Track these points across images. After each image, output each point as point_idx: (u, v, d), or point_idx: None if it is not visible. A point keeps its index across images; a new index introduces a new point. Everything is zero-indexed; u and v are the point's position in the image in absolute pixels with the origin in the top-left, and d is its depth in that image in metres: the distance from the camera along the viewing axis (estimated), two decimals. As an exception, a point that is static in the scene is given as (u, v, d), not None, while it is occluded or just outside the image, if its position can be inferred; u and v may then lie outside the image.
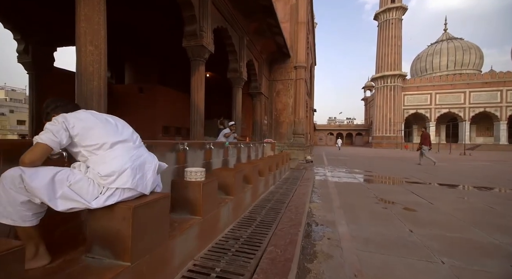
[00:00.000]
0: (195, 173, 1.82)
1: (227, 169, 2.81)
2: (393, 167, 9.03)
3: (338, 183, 5.36)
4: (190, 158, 2.95)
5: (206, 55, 4.70)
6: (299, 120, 9.89)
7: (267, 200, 3.28)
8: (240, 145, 4.71)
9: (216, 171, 2.64)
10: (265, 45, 8.65)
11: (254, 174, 3.22)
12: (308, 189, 4.12)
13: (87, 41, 2.37)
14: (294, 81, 9.96)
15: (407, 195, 4.23)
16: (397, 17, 36.94)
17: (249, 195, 2.97)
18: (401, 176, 6.56)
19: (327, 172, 7.31)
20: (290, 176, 5.68)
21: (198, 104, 4.69)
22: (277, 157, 5.18)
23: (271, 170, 4.40)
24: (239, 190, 2.61)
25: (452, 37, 43.68)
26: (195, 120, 4.70)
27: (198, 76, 4.67)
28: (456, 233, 2.50)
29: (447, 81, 36.12)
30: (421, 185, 5.24)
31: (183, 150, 2.71)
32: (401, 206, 3.52)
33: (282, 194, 3.71)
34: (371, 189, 4.72)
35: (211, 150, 3.41)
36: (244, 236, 2.09)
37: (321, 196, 4.06)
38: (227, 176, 2.46)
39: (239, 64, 6.69)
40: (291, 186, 4.41)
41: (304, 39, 10.14)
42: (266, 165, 3.88)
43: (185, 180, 1.83)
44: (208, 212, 1.90)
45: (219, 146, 3.80)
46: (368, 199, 3.89)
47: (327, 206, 3.45)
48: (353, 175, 6.69)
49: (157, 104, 7.12)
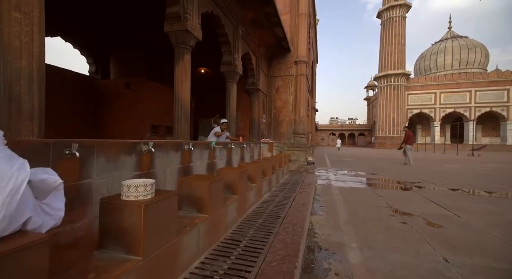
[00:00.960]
0: (136, 188, 1.20)
1: (201, 177, 2.19)
2: (401, 169, 8.37)
3: (343, 189, 4.73)
4: (160, 163, 2.34)
5: (191, 42, 4.09)
6: (299, 118, 9.26)
7: (258, 214, 2.66)
8: (231, 146, 4.09)
9: (186, 180, 2.02)
10: (263, 38, 8.03)
11: (242, 181, 2.60)
12: (309, 198, 3.49)
13: (11, 6, 1.77)
14: (295, 77, 9.32)
15: (426, 205, 3.59)
16: (400, 15, 36.17)
17: (233, 209, 2.35)
18: (412, 180, 5.91)
19: (331, 175, 6.68)
20: (289, 180, 5.06)
21: (182, 97, 4.09)
22: (274, 159, 4.56)
23: (266, 174, 3.77)
24: (217, 205, 2.00)
25: (457, 35, 42.80)
26: (179, 116, 4.09)
27: (183, 66, 4.06)
28: (505, 263, 1.87)
29: (452, 80, 35.28)
30: (439, 191, 4.60)
31: (147, 152, 2.10)
32: (422, 220, 2.89)
33: (278, 204, 3.09)
34: (382, 196, 4.08)
35: (191, 151, 2.80)
36: None
37: (324, 206, 3.43)
38: (199, 187, 1.83)
39: (233, 56, 6.07)
40: (289, 193, 3.78)
41: (305, 32, 9.51)
42: (258, 169, 3.26)
43: (120, 201, 1.22)
44: (158, 247, 1.29)
45: (203, 147, 3.18)
46: (381, 210, 3.25)
47: (332, 220, 2.82)
48: (358, 179, 6.05)
49: (145, 101, 6.52)
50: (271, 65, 9.65)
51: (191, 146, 2.77)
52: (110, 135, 6.67)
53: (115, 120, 6.64)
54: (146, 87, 6.57)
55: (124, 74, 7.11)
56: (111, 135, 6.68)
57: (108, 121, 6.73)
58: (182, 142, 2.70)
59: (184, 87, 4.08)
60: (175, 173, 2.51)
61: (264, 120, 9.30)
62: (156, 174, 2.23)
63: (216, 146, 3.47)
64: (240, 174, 2.51)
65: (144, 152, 2.07)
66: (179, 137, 4.07)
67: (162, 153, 2.33)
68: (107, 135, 6.72)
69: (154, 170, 2.22)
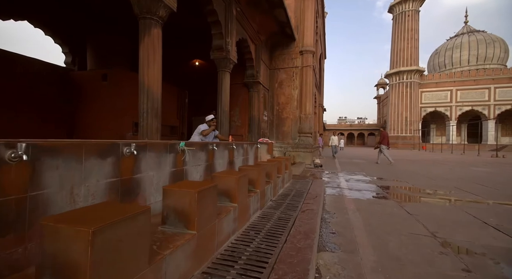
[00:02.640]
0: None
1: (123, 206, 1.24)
2: (423, 173, 7.21)
3: (359, 202, 3.69)
4: (89, 172, 1.42)
5: (161, 12, 3.14)
6: (305, 115, 8.21)
7: (232, 258, 1.67)
8: (213, 147, 3.12)
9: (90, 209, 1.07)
10: (263, 23, 7.04)
11: (204, 205, 1.61)
12: (315, 220, 2.48)
13: None
14: (300, 69, 8.29)
15: (483, 230, 2.53)
16: (414, 9, 34.48)
17: (184, 257, 1.37)
18: (443, 188, 4.80)
19: (342, 181, 5.62)
20: (291, 189, 4.05)
21: (149, 85, 3.15)
22: (271, 164, 3.55)
23: (257, 186, 2.78)
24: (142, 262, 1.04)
25: (474, 29, 40.65)
26: (145, 110, 3.16)
27: (150, 42, 3.12)
28: None
29: (469, 77, 33.35)
30: (486, 206, 3.50)
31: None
32: (491, 260, 1.85)
33: (269, 235, 2.09)
34: (414, 215, 3.03)
35: (134, 156, 1.85)
36: None
37: (337, 233, 2.42)
38: None
39: (225, 40, 5.11)
40: (288, 212, 2.77)
41: (312, 19, 8.46)
42: (242, 180, 2.27)
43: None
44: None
45: (163, 150, 2.23)
46: (422, 242, 2.21)
47: (351, 264, 1.81)
48: (376, 187, 4.98)
49: (125, 95, 5.63)
50: (273, 56, 8.64)
51: (133, 148, 1.82)
52: (85, 134, 5.82)
53: (92, 117, 5.78)
54: (127, 79, 5.69)
55: (104, 65, 6.26)
56: (86, 135, 5.83)
57: (84, 119, 5.89)
58: (119, 143, 1.74)
59: (152, 71, 3.14)
60: (101, 190, 1.57)
61: (265, 117, 8.31)
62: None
63: (186, 148, 2.51)
64: (201, 194, 1.53)
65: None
66: (146, 136, 3.13)
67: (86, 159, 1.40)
68: (81, 135, 5.88)
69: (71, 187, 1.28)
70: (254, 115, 7.42)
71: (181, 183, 1.79)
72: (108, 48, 6.40)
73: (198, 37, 7.91)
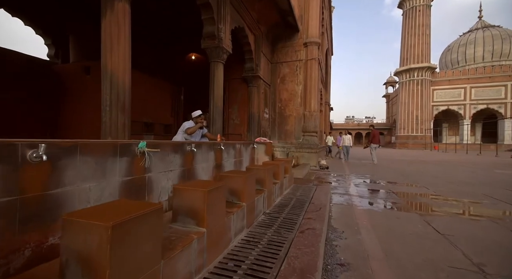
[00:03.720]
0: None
1: None
2: (441, 176, 6.44)
3: (374, 215, 3.03)
4: None
5: (127, -18, 2.56)
6: (310, 113, 7.54)
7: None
8: (192, 148, 2.52)
9: None
10: (263, 12, 6.41)
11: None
12: (316, 249, 1.85)
13: None
14: (304, 62, 7.62)
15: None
16: (425, 3, 33.13)
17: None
18: (473, 197, 4.08)
19: (351, 186, 4.95)
20: (291, 197, 3.41)
21: (112, 71, 2.58)
22: (265, 169, 2.92)
23: (243, 198, 2.16)
24: None
25: (488, 25, 38.89)
26: (108, 103, 2.59)
27: (113, 20, 2.55)
28: None
29: (484, 74, 31.83)
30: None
31: None
32: None
33: (248, 275, 1.48)
34: (447, 236, 2.35)
35: (46, 162, 1.26)
36: None
37: (348, 267, 1.78)
38: None
39: (217, 27, 4.52)
40: (284, 231, 2.15)
41: (317, 8, 7.77)
42: (215, 196, 1.66)
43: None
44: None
45: (109, 152, 1.64)
46: (469, 284, 1.56)
47: None
48: (392, 194, 4.29)
49: (111, 90, 5.09)
50: (275, 49, 8.00)
51: (42, 152, 1.23)
52: (66, 132, 5.33)
53: (73, 115, 5.29)
54: (112, 73, 5.15)
55: (87, 57, 5.75)
56: (68, 133, 5.34)
57: (67, 115, 5.40)
58: (17, 143, 1.16)
59: (115, 54, 2.56)
60: None
61: (266, 115, 7.68)
62: None
63: (146, 150, 1.92)
64: (156, 214, 0.94)
65: None
66: (109, 135, 2.55)
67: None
68: (63, 133, 5.39)
69: None
70: (253, 112, 6.81)
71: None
72: (92, 39, 5.88)
73: (195, 32, 7.35)
